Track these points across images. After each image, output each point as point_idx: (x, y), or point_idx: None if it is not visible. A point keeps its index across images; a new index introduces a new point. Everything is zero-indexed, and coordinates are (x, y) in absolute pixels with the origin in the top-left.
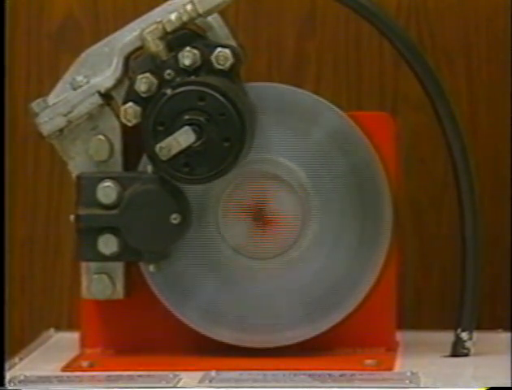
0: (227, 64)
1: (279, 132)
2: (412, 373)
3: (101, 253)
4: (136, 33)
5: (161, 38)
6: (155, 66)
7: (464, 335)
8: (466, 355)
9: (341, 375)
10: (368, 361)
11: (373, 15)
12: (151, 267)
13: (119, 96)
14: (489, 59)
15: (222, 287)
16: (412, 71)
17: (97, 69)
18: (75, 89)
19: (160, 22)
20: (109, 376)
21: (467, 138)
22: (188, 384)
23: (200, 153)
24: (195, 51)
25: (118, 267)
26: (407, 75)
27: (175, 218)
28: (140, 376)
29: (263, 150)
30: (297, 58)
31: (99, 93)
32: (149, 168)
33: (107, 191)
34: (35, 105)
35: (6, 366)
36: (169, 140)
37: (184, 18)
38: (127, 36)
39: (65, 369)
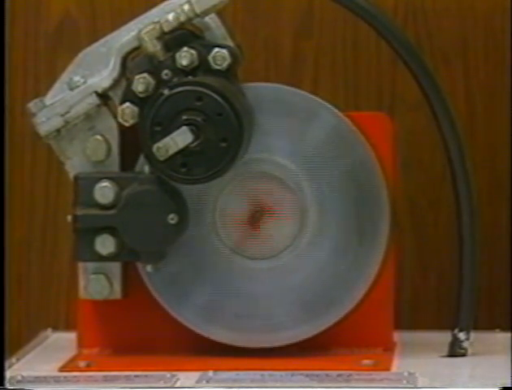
0: (225, 64)
1: (276, 132)
2: (409, 373)
3: (98, 253)
4: (133, 33)
5: (158, 38)
6: (153, 66)
7: (461, 336)
8: (464, 355)
9: (339, 375)
10: (365, 362)
11: (370, 15)
12: (148, 267)
13: (116, 96)
14: (487, 60)
15: (219, 287)
16: (409, 71)
17: (94, 69)
18: (72, 89)
19: (157, 22)
20: (106, 376)
21: (465, 138)
22: (186, 384)
23: (197, 154)
24: (192, 51)
25: (115, 267)
26: (404, 75)
27: (172, 219)
28: (137, 376)
29: (260, 150)
30: (294, 58)
31: (96, 93)
32: (147, 168)
33: (105, 191)
34: (32, 105)
35: (6, 365)
36: (166, 140)
37: (182, 18)
38: (124, 36)
39: (62, 369)
